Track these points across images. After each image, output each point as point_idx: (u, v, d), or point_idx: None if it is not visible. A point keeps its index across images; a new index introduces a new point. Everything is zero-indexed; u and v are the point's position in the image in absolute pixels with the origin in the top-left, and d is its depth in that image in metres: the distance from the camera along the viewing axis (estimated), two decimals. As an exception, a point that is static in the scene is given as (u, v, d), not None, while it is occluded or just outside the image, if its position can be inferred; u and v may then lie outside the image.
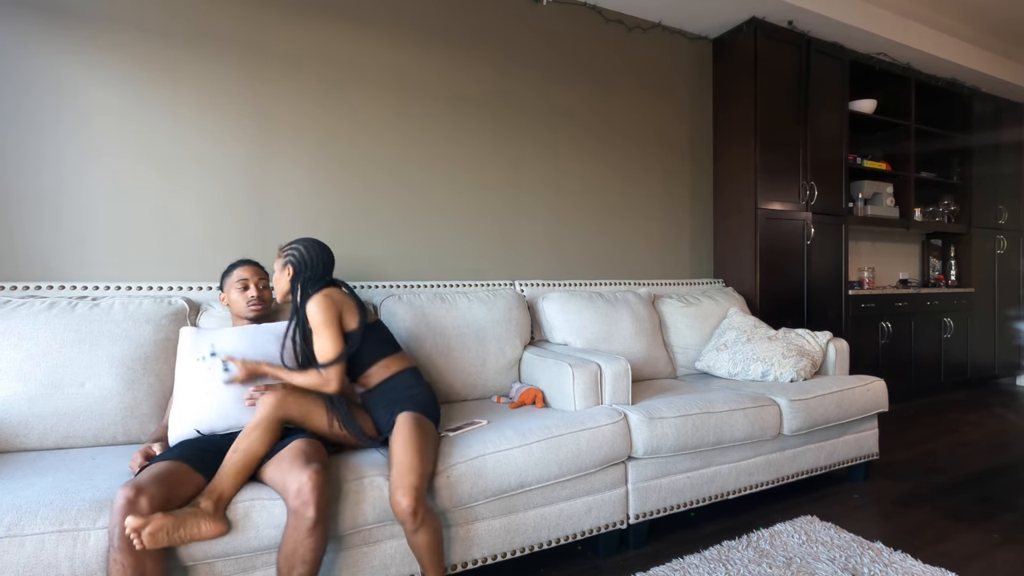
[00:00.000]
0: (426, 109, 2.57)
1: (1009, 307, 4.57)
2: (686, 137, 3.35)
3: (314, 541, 1.22)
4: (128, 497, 1.12)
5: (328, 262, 1.67)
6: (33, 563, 1.10)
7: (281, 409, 1.41)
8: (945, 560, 1.73)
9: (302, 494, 1.21)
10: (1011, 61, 4.34)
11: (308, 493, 1.21)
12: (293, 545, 1.21)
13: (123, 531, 1.10)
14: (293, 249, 1.65)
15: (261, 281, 1.72)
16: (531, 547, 1.66)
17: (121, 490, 1.14)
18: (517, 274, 2.79)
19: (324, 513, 1.23)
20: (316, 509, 1.21)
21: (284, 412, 1.41)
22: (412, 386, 1.62)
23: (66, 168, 1.95)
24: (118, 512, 1.11)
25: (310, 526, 1.20)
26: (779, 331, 2.61)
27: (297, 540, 1.21)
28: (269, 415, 1.38)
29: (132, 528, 1.07)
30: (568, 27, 2.94)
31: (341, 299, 1.60)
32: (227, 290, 1.71)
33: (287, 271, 1.64)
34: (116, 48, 2.01)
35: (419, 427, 1.48)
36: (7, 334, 1.60)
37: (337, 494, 1.36)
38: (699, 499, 1.98)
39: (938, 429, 3.24)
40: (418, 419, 1.51)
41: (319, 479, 1.23)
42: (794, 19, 3.21)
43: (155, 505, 1.14)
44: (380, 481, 1.41)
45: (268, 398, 1.41)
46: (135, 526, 1.07)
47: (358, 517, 1.38)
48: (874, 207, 3.85)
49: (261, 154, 2.25)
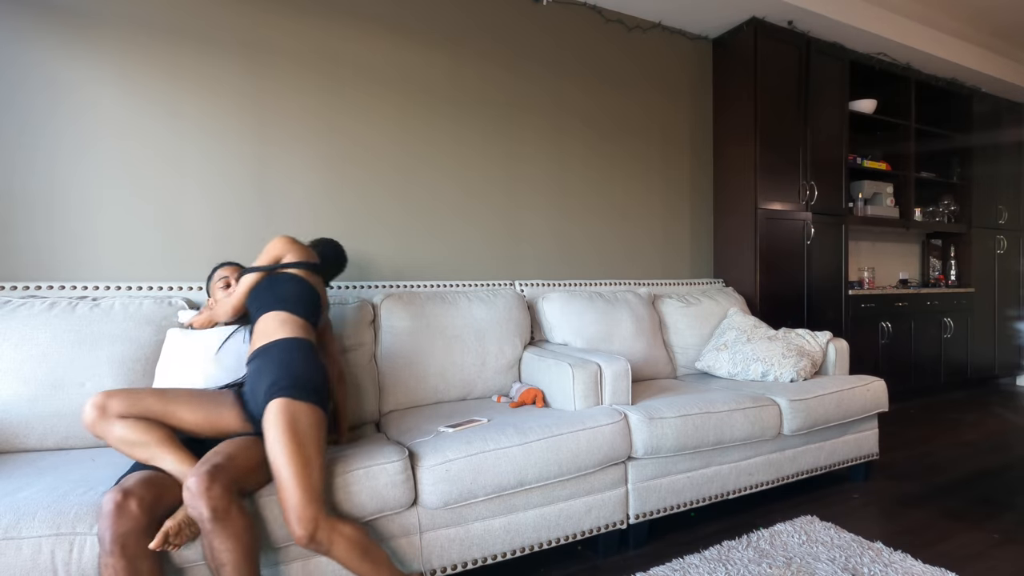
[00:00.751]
0: (429, 107, 2.57)
1: (1009, 307, 4.57)
2: (686, 137, 3.35)
3: (223, 541, 1.15)
4: (116, 501, 1.11)
5: (334, 263, 1.93)
6: (30, 567, 1.10)
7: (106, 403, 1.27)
8: (945, 560, 1.73)
9: (190, 498, 1.15)
10: (1011, 61, 4.34)
11: (194, 496, 1.14)
12: (207, 549, 1.16)
13: (114, 535, 1.08)
14: (312, 245, 1.90)
15: (234, 276, 1.72)
16: (531, 547, 1.66)
17: (109, 494, 1.12)
18: (517, 274, 2.79)
19: (220, 511, 1.15)
20: (207, 508, 1.14)
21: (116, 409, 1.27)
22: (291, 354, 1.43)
23: (66, 167, 1.95)
24: (107, 516, 1.10)
25: (209, 528, 1.14)
26: (779, 331, 2.61)
27: (208, 544, 1.16)
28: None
29: (158, 544, 1.10)
30: (569, 27, 2.94)
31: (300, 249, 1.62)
32: (212, 291, 1.72)
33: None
34: (116, 45, 2.01)
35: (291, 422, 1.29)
36: (7, 334, 1.60)
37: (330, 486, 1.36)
38: (699, 499, 1.98)
39: (938, 429, 3.24)
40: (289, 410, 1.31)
41: (201, 480, 1.15)
42: (794, 19, 3.21)
43: (144, 507, 1.14)
44: (376, 470, 1.41)
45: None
46: (159, 543, 1.11)
47: (354, 509, 1.38)
48: (874, 207, 3.85)
49: (264, 151, 2.25)
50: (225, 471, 1.20)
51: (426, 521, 1.51)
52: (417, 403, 2.07)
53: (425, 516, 1.51)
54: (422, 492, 1.48)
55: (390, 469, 1.43)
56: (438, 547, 1.52)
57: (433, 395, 2.09)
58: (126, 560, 1.09)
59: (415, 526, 1.49)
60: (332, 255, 1.94)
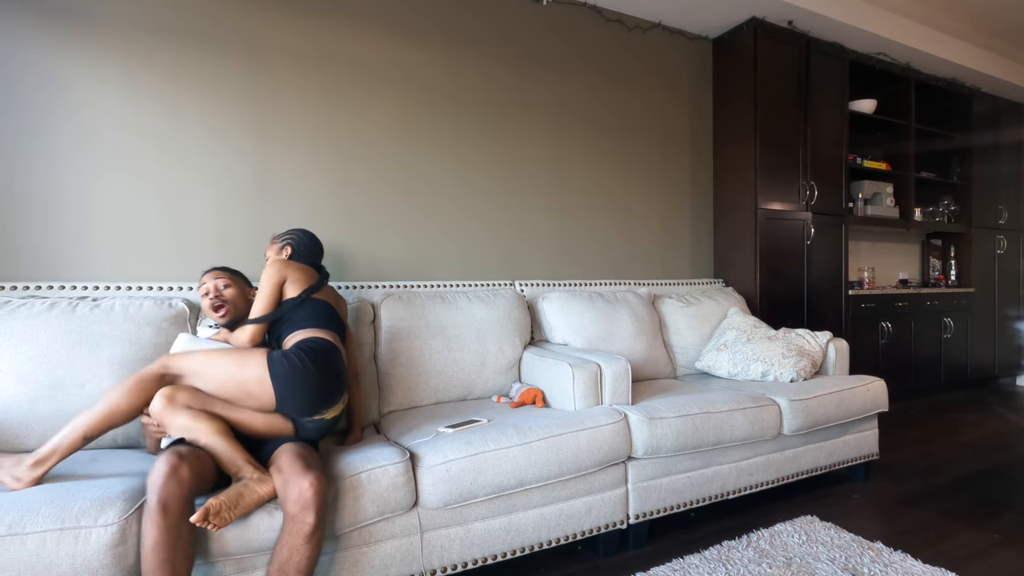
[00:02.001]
0: (430, 105, 2.58)
1: (1009, 307, 4.57)
2: (687, 137, 3.35)
3: (310, 549, 1.21)
4: (172, 463, 1.17)
5: (318, 251, 1.89)
6: (35, 561, 1.10)
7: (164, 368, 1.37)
8: (945, 560, 1.73)
9: (303, 500, 1.20)
10: (1011, 61, 4.35)
11: (310, 499, 1.20)
12: (288, 553, 1.19)
13: (161, 496, 1.14)
14: (291, 235, 1.87)
15: (220, 281, 1.69)
16: (531, 547, 1.66)
17: (165, 456, 1.19)
18: (517, 274, 2.79)
19: (324, 520, 1.23)
20: (316, 515, 1.20)
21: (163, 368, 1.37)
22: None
23: (65, 165, 1.95)
24: (160, 476, 1.15)
25: (309, 532, 1.19)
26: (779, 331, 2.61)
27: (293, 547, 1.19)
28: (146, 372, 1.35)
29: (199, 519, 1.12)
30: (569, 27, 2.94)
31: (295, 268, 1.67)
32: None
33: (286, 251, 1.82)
34: (118, 44, 2.01)
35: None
36: (7, 335, 1.60)
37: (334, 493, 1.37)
38: (699, 499, 1.98)
39: (938, 429, 3.24)
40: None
41: (320, 485, 1.23)
42: (794, 19, 3.21)
43: (194, 474, 1.19)
44: (378, 473, 1.42)
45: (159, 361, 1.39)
46: (200, 516, 1.13)
47: (358, 513, 1.38)
48: (874, 207, 3.85)
49: (265, 150, 2.25)
50: (327, 481, 1.28)
51: (426, 521, 1.51)
52: (417, 403, 2.07)
53: (425, 516, 1.51)
54: (422, 492, 1.49)
55: (391, 472, 1.43)
56: (438, 547, 1.52)
57: (433, 395, 2.09)
58: (169, 520, 1.14)
59: (415, 526, 1.50)
60: (311, 245, 1.89)
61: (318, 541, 1.22)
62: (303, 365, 1.41)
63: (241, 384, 1.38)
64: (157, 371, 1.36)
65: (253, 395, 1.39)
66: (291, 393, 1.40)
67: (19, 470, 1.24)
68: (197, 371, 1.38)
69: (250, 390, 1.39)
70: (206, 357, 1.40)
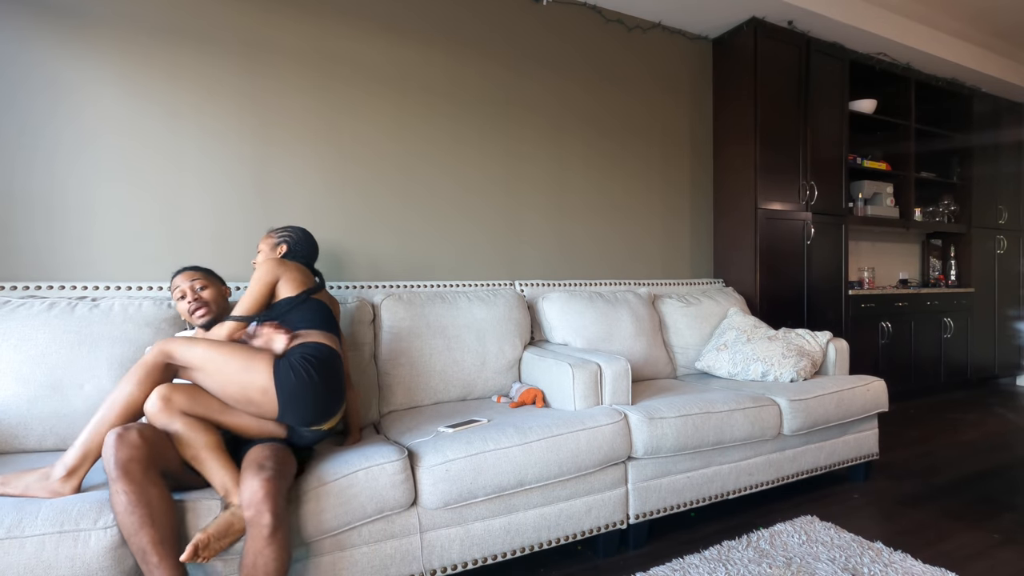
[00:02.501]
0: (429, 105, 2.57)
1: (1009, 307, 4.57)
2: (686, 137, 3.35)
3: (274, 551, 1.17)
4: (118, 432, 1.18)
5: (314, 251, 1.86)
6: (34, 564, 1.10)
7: (164, 355, 1.33)
8: (945, 560, 1.73)
9: (255, 502, 1.16)
10: (1011, 61, 4.34)
11: (261, 500, 1.16)
12: (253, 557, 1.17)
13: (117, 460, 1.14)
14: (287, 232, 1.84)
15: (197, 282, 1.66)
16: (531, 547, 1.66)
17: (110, 431, 1.19)
18: (517, 274, 2.79)
19: (281, 519, 1.18)
20: (271, 515, 1.16)
21: (165, 356, 1.33)
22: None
23: (66, 167, 1.95)
24: (110, 447, 1.15)
25: (268, 534, 1.16)
26: (779, 331, 2.61)
27: (256, 551, 1.16)
28: (150, 360, 1.32)
29: (188, 556, 1.11)
30: (569, 27, 2.94)
31: (292, 268, 1.63)
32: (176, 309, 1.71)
33: (280, 249, 1.79)
34: (115, 45, 2.01)
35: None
36: (7, 335, 1.60)
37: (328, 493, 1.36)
38: (699, 499, 1.98)
39: (938, 429, 3.24)
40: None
41: (270, 486, 1.18)
42: (794, 19, 3.21)
43: (144, 438, 1.19)
44: (376, 471, 1.42)
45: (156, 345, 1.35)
46: (190, 553, 1.11)
47: (357, 511, 1.38)
48: (874, 207, 3.85)
49: (264, 151, 2.25)
50: (282, 480, 1.23)
51: (426, 521, 1.51)
52: (417, 403, 2.06)
53: (425, 516, 1.51)
54: (422, 492, 1.48)
55: (389, 469, 1.43)
56: (438, 547, 1.52)
57: (433, 395, 2.09)
58: (134, 484, 1.13)
59: (415, 526, 1.49)
60: (308, 246, 1.85)
61: (281, 542, 1.18)
62: (308, 377, 1.38)
63: (243, 389, 1.35)
64: (160, 360, 1.32)
65: (254, 402, 1.36)
66: (294, 405, 1.37)
67: (52, 485, 1.21)
68: (200, 367, 1.34)
69: (252, 397, 1.36)
70: (211, 352, 1.35)
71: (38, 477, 1.23)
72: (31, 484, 1.22)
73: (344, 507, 1.37)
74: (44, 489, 1.21)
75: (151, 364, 1.32)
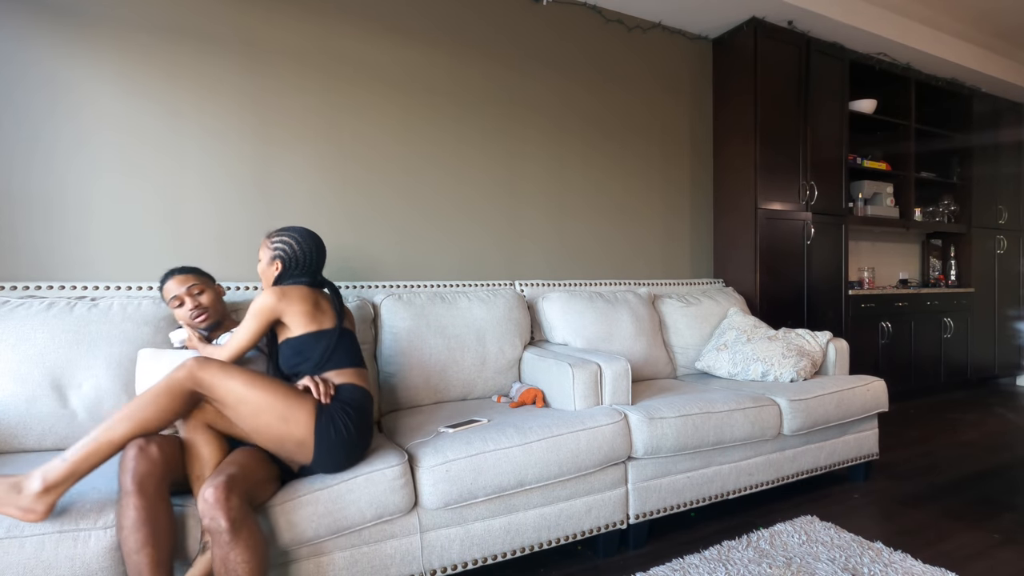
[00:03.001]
0: (432, 106, 2.57)
1: (1009, 307, 4.57)
2: (686, 137, 3.35)
3: (239, 553, 1.13)
4: (140, 445, 1.17)
5: (319, 258, 1.61)
6: (33, 564, 1.10)
7: (192, 379, 1.25)
8: (945, 560, 1.73)
9: (207, 508, 1.13)
10: (1011, 61, 4.34)
11: (212, 505, 1.13)
12: (221, 564, 1.14)
13: (135, 474, 1.13)
14: (283, 242, 1.57)
15: (194, 288, 1.64)
16: (531, 547, 1.66)
17: (132, 442, 1.18)
18: (517, 274, 2.79)
19: (238, 522, 1.14)
20: (226, 519, 1.12)
21: (195, 383, 1.25)
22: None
23: (64, 166, 1.94)
24: (130, 459, 1.15)
25: (228, 539, 1.12)
26: (779, 331, 2.61)
27: (222, 557, 1.13)
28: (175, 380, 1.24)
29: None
30: (569, 27, 2.94)
31: (294, 301, 1.46)
32: (170, 310, 1.68)
33: (275, 265, 1.57)
34: (115, 43, 2.00)
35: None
36: (5, 334, 1.59)
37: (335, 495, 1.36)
38: (699, 499, 1.97)
39: (938, 429, 3.24)
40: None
41: (219, 491, 1.13)
42: (794, 19, 3.21)
43: (164, 455, 1.20)
44: (376, 476, 1.41)
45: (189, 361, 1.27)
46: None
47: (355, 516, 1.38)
48: (874, 207, 3.85)
49: (265, 151, 2.24)
50: (241, 482, 1.20)
51: (426, 521, 1.51)
52: (417, 403, 2.06)
53: (425, 516, 1.51)
54: (422, 493, 1.48)
55: (389, 474, 1.42)
56: (438, 547, 1.52)
57: (433, 395, 2.09)
58: (146, 500, 1.13)
59: (415, 526, 1.49)
60: (308, 255, 1.60)
61: (246, 543, 1.14)
62: (347, 433, 1.35)
63: (279, 439, 1.31)
64: (189, 387, 1.24)
65: (287, 449, 1.33)
66: (330, 458, 1.36)
67: (24, 500, 1.07)
68: (234, 405, 1.27)
69: (287, 446, 1.32)
70: (249, 392, 1.27)
71: (7, 488, 1.08)
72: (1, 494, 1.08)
73: (343, 512, 1.37)
74: (13, 505, 1.07)
75: (178, 389, 1.23)
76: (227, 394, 1.26)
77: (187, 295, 1.63)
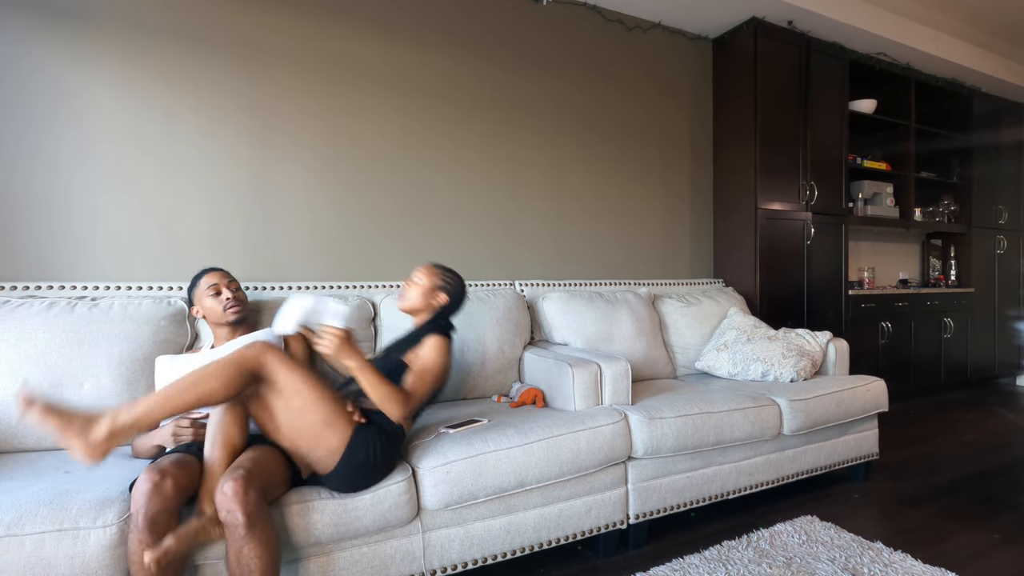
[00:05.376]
0: (427, 108, 2.57)
1: (1009, 307, 4.57)
2: (686, 137, 3.35)
3: (254, 547, 1.16)
4: (154, 481, 1.15)
5: (464, 303, 1.82)
6: (33, 562, 1.10)
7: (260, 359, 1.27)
8: (945, 560, 1.73)
9: (225, 502, 1.16)
10: (1011, 61, 4.34)
11: (230, 499, 1.15)
12: (235, 557, 1.17)
13: (147, 514, 1.12)
14: (453, 279, 1.78)
15: (232, 284, 1.72)
16: (531, 547, 1.66)
17: (146, 473, 1.16)
18: (517, 274, 2.79)
19: (254, 516, 1.17)
20: (243, 513, 1.15)
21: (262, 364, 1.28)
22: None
23: (67, 168, 1.95)
24: (143, 495, 1.13)
25: (244, 533, 1.15)
26: (779, 331, 2.61)
27: (238, 552, 1.16)
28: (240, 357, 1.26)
29: (153, 559, 1.07)
30: (568, 27, 2.94)
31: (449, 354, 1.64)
32: (198, 300, 1.70)
33: (438, 295, 1.75)
34: (113, 47, 2.00)
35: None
36: (6, 334, 1.59)
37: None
38: (699, 499, 1.98)
39: (938, 429, 3.24)
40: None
41: (238, 485, 1.16)
42: (794, 19, 3.21)
43: (178, 488, 1.18)
44: (381, 494, 1.41)
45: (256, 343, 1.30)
46: (153, 557, 1.07)
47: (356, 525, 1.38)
48: (874, 207, 3.85)
49: (263, 154, 2.24)
50: (257, 478, 1.22)
51: (427, 522, 1.51)
52: (417, 403, 2.06)
53: (426, 517, 1.51)
54: (423, 494, 1.48)
55: (394, 491, 1.42)
56: (439, 547, 1.52)
57: (433, 395, 2.09)
58: (156, 536, 1.12)
59: (416, 527, 1.49)
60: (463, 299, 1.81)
61: (260, 537, 1.17)
62: (374, 459, 1.38)
63: (313, 442, 1.34)
64: (255, 365, 1.27)
65: (314, 453, 1.35)
66: (349, 475, 1.37)
67: (92, 439, 1.09)
68: (286, 394, 1.31)
69: (316, 452, 1.34)
70: (304, 387, 1.32)
71: (83, 423, 1.11)
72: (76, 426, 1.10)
73: (349, 525, 1.37)
74: (83, 439, 1.09)
75: (245, 366, 1.26)
76: (287, 383, 1.30)
77: (226, 287, 1.69)
